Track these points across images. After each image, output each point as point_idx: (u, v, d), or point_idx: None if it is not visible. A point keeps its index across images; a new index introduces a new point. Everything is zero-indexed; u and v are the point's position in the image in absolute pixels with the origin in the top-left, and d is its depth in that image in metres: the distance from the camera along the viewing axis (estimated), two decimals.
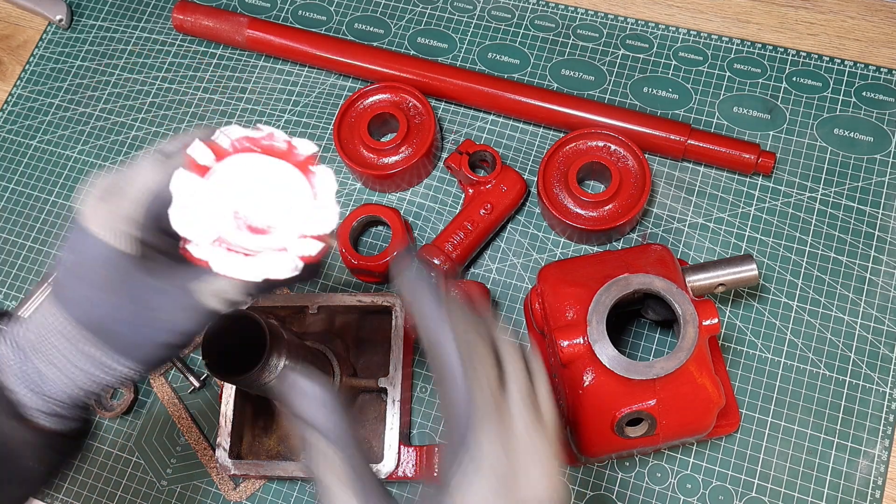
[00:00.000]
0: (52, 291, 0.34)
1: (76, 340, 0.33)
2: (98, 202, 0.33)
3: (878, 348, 0.60)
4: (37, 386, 0.34)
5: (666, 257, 0.55)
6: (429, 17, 0.76)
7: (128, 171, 0.34)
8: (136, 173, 0.34)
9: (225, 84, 0.76)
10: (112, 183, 0.34)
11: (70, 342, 0.33)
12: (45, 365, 0.34)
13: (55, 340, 0.33)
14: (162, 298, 0.34)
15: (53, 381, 0.34)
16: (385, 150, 0.67)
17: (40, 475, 0.35)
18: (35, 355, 0.34)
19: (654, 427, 0.51)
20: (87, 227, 0.33)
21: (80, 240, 0.33)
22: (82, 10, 0.82)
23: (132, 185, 0.33)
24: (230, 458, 0.57)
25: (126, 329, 0.33)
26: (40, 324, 0.34)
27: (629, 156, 0.64)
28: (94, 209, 0.33)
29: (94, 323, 0.33)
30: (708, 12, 0.72)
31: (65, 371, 0.34)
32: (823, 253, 0.63)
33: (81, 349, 0.33)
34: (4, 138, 0.78)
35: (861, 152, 0.66)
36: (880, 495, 0.56)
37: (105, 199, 0.33)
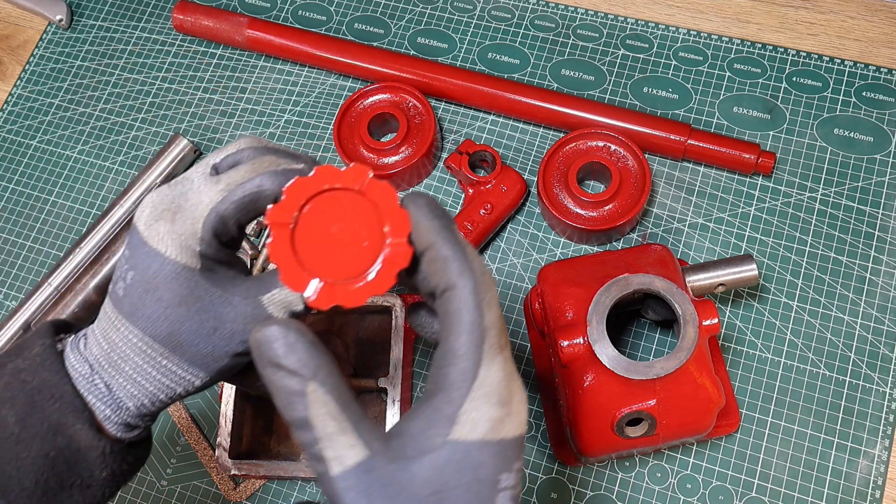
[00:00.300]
0: (118, 309, 0.34)
1: (151, 355, 0.34)
2: (159, 221, 0.34)
3: (878, 348, 0.60)
4: (106, 398, 0.35)
5: (666, 257, 0.55)
6: (429, 17, 0.76)
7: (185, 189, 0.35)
8: (197, 193, 0.35)
9: (225, 84, 0.76)
10: (170, 201, 0.35)
11: (144, 357, 0.34)
12: (116, 379, 0.35)
13: (129, 356, 0.34)
14: (230, 310, 0.35)
15: (125, 394, 0.35)
16: (385, 150, 0.67)
17: (105, 484, 0.36)
18: (103, 371, 0.35)
19: (654, 427, 0.51)
20: (151, 245, 0.34)
21: (143, 257, 0.34)
22: (82, 10, 0.82)
23: (196, 206, 0.34)
24: (230, 458, 0.57)
25: (198, 341, 0.34)
26: (108, 340, 0.35)
27: (629, 156, 0.64)
28: (156, 228, 0.34)
29: (168, 337, 0.34)
30: (708, 12, 0.72)
31: (137, 384, 0.35)
32: (823, 253, 0.63)
33: (157, 363, 0.35)
34: (4, 138, 0.78)
35: (861, 152, 0.66)
36: (880, 495, 0.56)
37: (167, 218, 0.34)
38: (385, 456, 0.30)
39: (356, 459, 0.29)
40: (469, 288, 0.31)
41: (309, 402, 0.29)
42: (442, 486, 0.29)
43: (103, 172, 0.75)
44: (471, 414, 0.30)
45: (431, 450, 0.30)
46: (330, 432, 0.29)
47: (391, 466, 0.29)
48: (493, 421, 0.30)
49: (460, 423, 0.30)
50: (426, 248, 0.32)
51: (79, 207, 0.74)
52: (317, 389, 0.29)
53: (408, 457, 0.30)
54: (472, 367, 0.30)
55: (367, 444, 0.30)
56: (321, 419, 0.29)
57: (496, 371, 0.31)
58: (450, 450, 0.30)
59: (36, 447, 0.34)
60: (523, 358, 0.63)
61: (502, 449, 0.31)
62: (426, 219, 0.32)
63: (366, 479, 0.29)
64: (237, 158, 0.36)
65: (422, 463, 0.30)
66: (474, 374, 0.30)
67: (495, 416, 0.30)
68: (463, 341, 0.31)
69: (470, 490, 0.30)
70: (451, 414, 0.30)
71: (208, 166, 0.36)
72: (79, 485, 0.35)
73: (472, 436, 0.30)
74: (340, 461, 0.29)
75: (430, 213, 0.32)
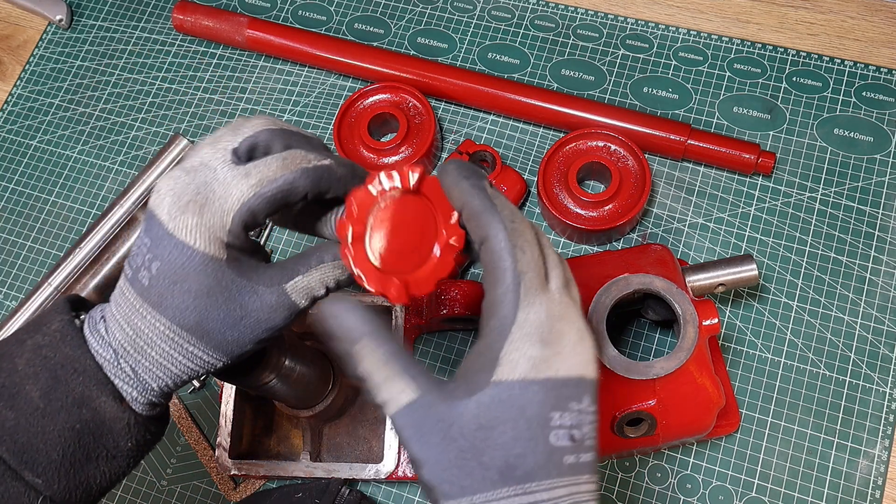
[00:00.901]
0: (143, 298, 0.35)
1: (179, 342, 0.35)
2: (186, 213, 0.34)
3: (878, 348, 0.60)
4: (131, 380, 0.36)
5: (666, 257, 0.55)
6: (429, 17, 0.76)
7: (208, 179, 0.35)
8: (224, 186, 0.35)
9: (225, 84, 0.76)
10: (194, 192, 0.34)
11: (172, 345, 0.35)
12: (142, 363, 0.36)
13: (156, 342, 0.35)
14: (255, 298, 0.36)
15: (150, 377, 0.36)
16: (385, 150, 0.67)
17: (130, 454, 0.37)
18: (128, 356, 0.36)
19: (654, 427, 0.51)
20: (178, 237, 0.34)
21: (168, 248, 0.34)
22: (82, 10, 0.82)
23: (225, 199, 0.35)
24: (230, 458, 0.57)
25: (225, 329, 0.36)
26: (133, 326, 0.35)
27: (629, 156, 0.64)
28: (182, 220, 0.34)
29: (196, 326, 0.35)
30: (708, 12, 0.72)
31: (164, 368, 0.36)
32: (823, 253, 0.63)
33: (184, 350, 0.36)
34: (4, 138, 0.78)
35: (861, 152, 0.66)
36: (880, 495, 0.56)
37: (194, 210, 0.34)
38: (435, 395, 0.32)
39: (407, 399, 0.32)
40: (500, 235, 0.32)
41: (361, 358, 0.33)
42: (488, 421, 0.31)
43: (103, 172, 0.75)
44: (511, 355, 0.31)
45: (477, 391, 0.32)
46: (385, 379, 0.32)
47: (441, 405, 0.32)
48: (533, 359, 0.31)
49: (502, 365, 0.31)
50: (461, 210, 0.34)
51: (79, 207, 0.74)
52: (366, 345, 0.33)
53: (456, 397, 0.32)
54: (510, 311, 0.32)
55: (417, 387, 0.32)
56: (374, 369, 0.32)
57: (536, 311, 0.32)
58: (494, 389, 0.31)
59: (62, 420, 0.34)
60: None
61: (551, 387, 0.31)
62: (455, 182, 0.34)
63: (418, 416, 0.32)
64: (255, 141, 0.36)
65: (468, 402, 0.31)
66: (513, 317, 0.32)
67: (536, 355, 0.31)
68: (500, 288, 0.32)
69: (516, 426, 0.31)
70: (492, 358, 0.32)
71: (227, 152, 0.36)
72: (105, 456, 0.36)
73: (514, 375, 0.31)
74: (395, 402, 0.32)
75: (458, 175, 0.34)
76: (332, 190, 0.37)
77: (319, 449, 0.61)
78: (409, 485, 0.61)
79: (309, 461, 0.58)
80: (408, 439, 0.32)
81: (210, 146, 0.36)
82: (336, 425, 0.62)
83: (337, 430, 0.62)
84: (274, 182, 0.35)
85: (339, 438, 0.62)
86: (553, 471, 0.31)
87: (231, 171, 0.35)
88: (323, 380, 0.57)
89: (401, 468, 0.57)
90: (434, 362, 0.64)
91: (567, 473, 0.31)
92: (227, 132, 0.36)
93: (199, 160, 0.36)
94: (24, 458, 0.34)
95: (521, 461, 0.31)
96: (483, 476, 0.31)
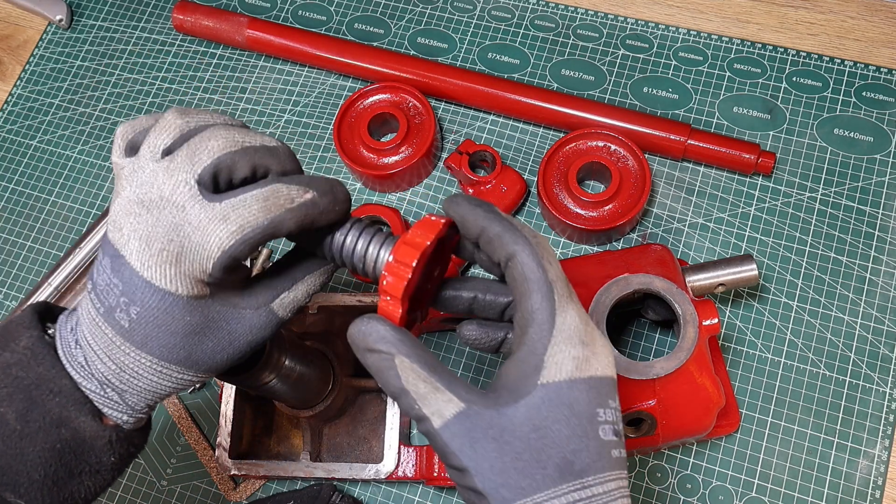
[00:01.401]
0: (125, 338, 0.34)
1: (167, 373, 0.35)
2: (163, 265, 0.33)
3: (878, 348, 0.60)
4: (119, 406, 0.36)
5: (666, 257, 0.55)
6: (429, 17, 0.76)
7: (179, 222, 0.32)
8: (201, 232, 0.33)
9: (225, 84, 0.76)
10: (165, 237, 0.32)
11: (160, 375, 0.35)
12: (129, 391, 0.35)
13: (143, 375, 0.35)
14: (243, 323, 0.36)
15: (137, 399, 0.36)
16: (385, 150, 0.67)
17: (114, 467, 0.37)
18: (114, 387, 0.35)
19: (654, 427, 0.51)
20: (156, 285, 0.33)
21: (147, 294, 0.33)
22: (82, 10, 0.82)
23: (203, 247, 0.33)
24: (230, 458, 0.57)
25: (213, 354, 0.36)
26: (116, 361, 0.34)
27: (629, 156, 0.64)
28: (160, 270, 0.33)
29: (185, 358, 0.35)
30: (708, 12, 0.72)
31: (150, 391, 0.36)
32: (823, 253, 0.63)
33: (172, 377, 0.36)
34: (4, 138, 0.78)
35: (861, 152, 0.66)
36: (880, 495, 0.56)
37: (169, 261, 0.33)
38: (481, 404, 0.32)
39: (454, 411, 0.32)
40: (527, 250, 0.34)
41: (402, 372, 0.32)
42: (541, 422, 0.31)
43: (103, 172, 0.75)
44: (555, 357, 0.32)
45: (524, 396, 0.32)
46: (427, 394, 0.32)
47: (489, 412, 0.32)
48: (577, 359, 0.32)
49: (547, 367, 0.32)
50: (479, 235, 0.35)
51: (79, 207, 0.74)
52: (406, 361, 0.33)
53: (503, 405, 0.32)
54: (548, 318, 0.33)
55: (461, 398, 0.32)
56: (416, 384, 0.32)
57: (571, 316, 0.33)
58: (542, 391, 0.32)
59: (41, 441, 0.34)
60: None
61: (593, 385, 0.33)
62: (469, 211, 0.35)
63: (467, 426, 0.32)
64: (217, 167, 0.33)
65: (518, 406, 0.32)
66: (552, 322, 0.33)
67: (579, 354, 0.32)
68: (535, 298, 0.33)
69: (569, 424, 0.32)
70: (536, 363, 0.32)
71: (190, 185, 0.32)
72: (88, 471, 0.36)
73: (560, 375, 0.32)
74: (440, 415, 0.32)
75: (470, 203, 0.35)
76: (316, 223, 0.35)
77: (319, 449, 0.61)
78: (409, 485, 0.61)
79: (309, 461, 0.58)
80: (457, 450, 0.32)
81: (165, 173, 0.33)
82: (336, 425, 0.62)
83: (337, 430, 0.62)
84: (257, 228, 0.33)
85: (339, 438, 0.62)
86: (605, 464, 0.32)
87: (204, 212, 0.32)
88: (323, 380, 0.57)
89: (401, 468, 0.57)
90: None
91: (616, 467, 0.32)
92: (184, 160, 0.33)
93: (157, 192, 0.33)
94: (5, 480, 0.34)
95: (578, 456, 0.31)
96: (543, 475, 0.31)
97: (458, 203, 0.36)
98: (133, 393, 0.35)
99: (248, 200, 0.33)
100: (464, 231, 0.36)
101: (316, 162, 0.72)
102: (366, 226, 0.38)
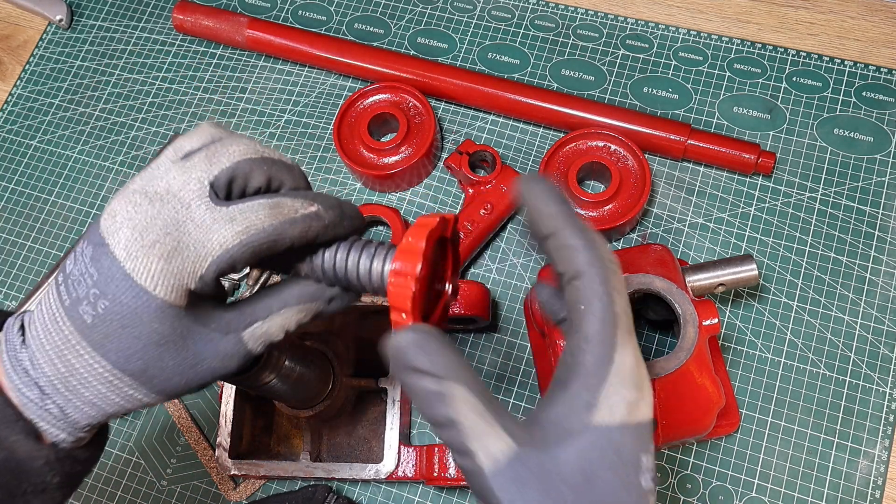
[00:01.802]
0: (82, 335, 0.31)
1: (118, 385, 0.32)
2: (150, 257, 0.31)
3: (878, 348, 0.60)
4: (59, 422, 0.33)
5: (666, 257, 0.55)
6: (429, 17, 0.76)
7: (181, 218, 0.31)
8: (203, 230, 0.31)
9: (225, 84, 0.76)
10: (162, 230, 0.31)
11: (110, 387, 0.32)
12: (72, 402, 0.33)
13: (91, 383, 0.32)
14: (210, 347, 0.33)
15: (80, 415, 0.33)
16: (385, 150, 0.67)
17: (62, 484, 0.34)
18: (58, 395, 0.32)
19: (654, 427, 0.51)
20: (135, 279, 0.31)
21: (121, 289, 0.31)
22: (82, 10, 0.82)
23: (202, 245, 0.31)
24: (230, 458, 0.57)
25: (171, 375, 0.33)
26: (66, 363, 0.32)
27: (629, 156, 0.64)
28: (145, 263, 0.31)
29: (140, 372, 0.32)
30: (708, 12, 0.72)
31: (96, 406, 0.33)
32: (823, 253, 0.63)
33: (122, 392, 0.33)
34: (4, 138, 0.78)
35: (861, 152, 0.66)
36: (880, 495, 0.56)
37: (160, 254, 0.31)
38: (531, 446, 0.30)
39: (506, 453, 0.30)
40: (599, 277, 0.31)
41: (452, 401, 0.30)
42: (590, 469, 0.30)
43: (103, 172, 0.75)
44: (610, 398, 0.31)
45: (574, 435, 0.30)
46: (479, 430, 0.30)
47: (540, 456, 0.30)
48: (630, 405, 0.31)
49: (600, 408, 0.30)
50: (550, 235, 0.33)
51: (79, 207, 0.74)
52: (460, 389, 0.30)
53: (552, 444, 0.30)
54: (607, 353, 0.31)
55: (513, 437, 0.30)
56: (468, 417, 0.30)
57: (630, 355, 0.31)
58: (592, 434, 0.30)
59: None
60: (523, 358, 0.63)
61: (640, 431, 0.31)
62: (547, 206, 0.33)
63: (517, 471, 0.30)
64: (234, 173, 0.33)
65: (567, 449, 0.30)
66: (610, 358, 0.31)
67: (632, 399, 0.31)
68: (597, 328, 0.31)
69: (616, 472, 0.30)
70: (589, 399, 0.31)
71: (203, 184, 0.32)
72: (31, 491, 0.33)
73: (612, 419, 0.31)
74: (491, 456, 0.30)
75: (551, 199, 0.33)
76: (320, 238, 0.34)
77: (319, 449, 0.61)
78: (409, 485, 0.61)
79: (309, 461, 0.58)
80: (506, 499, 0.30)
81: (180, 170, 0.32)
82: (336, 425, 0.62)
83: (337, 430, 0.62)
84: (262, 231, 0.32)
85: (339, 438, 0.62)
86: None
87: (211, 213, 0.32)
88: (323, 380, 0.57)
89: (401, 468, 0.57)
90: None
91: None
92: (202, 161, 0.32)
93: (165, 186, 0.32)
94: None
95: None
96: None
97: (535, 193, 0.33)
98: (76, 405, 0.33)
99: (255, 206, 0.32)
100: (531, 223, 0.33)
101: (316, 162, 0.72)
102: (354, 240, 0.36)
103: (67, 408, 0.33)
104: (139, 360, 0.32)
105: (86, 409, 0.33)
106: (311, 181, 0.71)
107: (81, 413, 0.33)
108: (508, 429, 0.30)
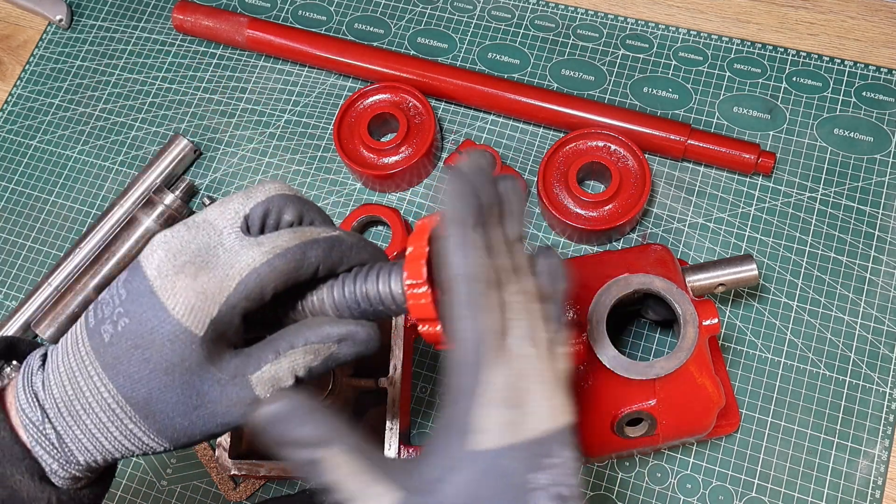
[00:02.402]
0: (97, 354, 0.31)
1: (119, 416, 0.32)
2: (179, 274, 0.31)
3: (878, 348, 0.60)
4: (54, 451, 0.32)
5: (666, 257, 0.55)
6: (429, 17, 0.76)
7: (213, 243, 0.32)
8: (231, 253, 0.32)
9: (225, 84, 0.76)
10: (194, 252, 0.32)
11: (110, 416, 0.32)
12: (72, 430, 0.32)
13: (94, 409, 0.32)
14: (216, 389, 0.32)
15: (77, 447, 0.33)
16: (385, 150, 0.67)
17: None
18: (58, 418, 0.32)
19: (654, 427, 0.51)
20: (159, 297, 0.31)
21: (143, 306, 0.31)
22: (82, 10, 0.82)
23: (230, 265, 0.32)
24: (230, 458, 0.57)
25: (175, 415, 0.32)
26: (75, 385, 0.32)
27: (629, 156, 0.64)
28: (171, 280, 0.31)
29: (143, 403, 0.32)
30: (708, 12, 0.72)
31: (94, 439, 0.32)
32: (823, 253, 0.63)
33: (122, 425, 0.32)
34: (4, 138, 0.78)
35: (861, 152, 0.66)
36: (880, 495, 0.56)
37: (189, 272, 0.31)
38: (419, 490, 0.29)
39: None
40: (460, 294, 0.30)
41: (330, 467, 0.29)
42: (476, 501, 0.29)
43: (103, 172, 0.75)
44: (481, 421, 0.30)
45: (455, 466, 0.29)
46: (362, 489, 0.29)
47: (426, 500, 0.29)
48: (508, 425, 0.30)
49: (474, 433, 0.29)
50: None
51: (79, 207, 0.74)
52: (335, 453, 0.30)
53: (437, 482, 0.29)
54: (473, 374, 0.30)
55: (401, 486, 0.30)
56: (348, 479, 0.29)
57: (500, 374, 0.30)
58: (473, 462, 0.29)
59: None
60: None
61: (525, 450, 0.30)
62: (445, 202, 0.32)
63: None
64: (267, 207, 0.34)
65: (452, 484, 0.29)
66: (476, 380, 0.30)
67: (506, 419, 0.30)
68: (460, 350, 0.30)
69: (504, 497, 0.29)
70: (462, 424, 0.30)
71: (238, 216, 0.33)
72: None
73: (490, 443, 0.29)
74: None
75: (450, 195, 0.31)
76: (345, 260, 0.35)
77: None
78: None
79: None
80: None
81: (219, 206, 0.34)
82: None
83: None
84: (287, 251, 0.32)
85: None
86: None
87: (240, 240, 0.33)
88: (322, 380, 0.57)
89: None
90: (434, 361, 0.64)
91: None
92: (239, 196, 0.34)
93: (203, 217, 0.33)
94: None
95: None
96: None
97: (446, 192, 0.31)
98: (74, 433, 0.32)
99: (281, 233, 0.34)
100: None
101: (316, 162, 0.72)
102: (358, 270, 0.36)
103: (65, 435, 0.32)
104: (143, 387, 0.31)
105: (83, 441, 0.32)
106: (312, 181, 0.71)
107: (78, 444, 0.32)
108: (396, 478, 0.30)
